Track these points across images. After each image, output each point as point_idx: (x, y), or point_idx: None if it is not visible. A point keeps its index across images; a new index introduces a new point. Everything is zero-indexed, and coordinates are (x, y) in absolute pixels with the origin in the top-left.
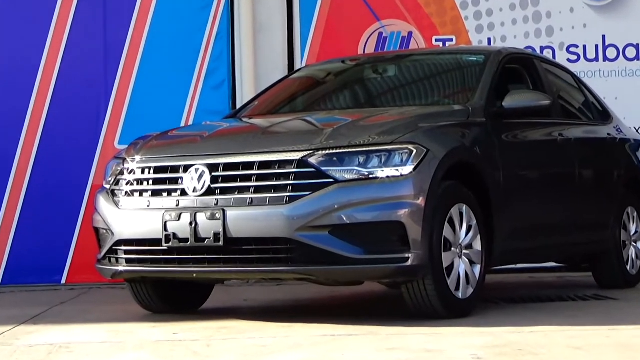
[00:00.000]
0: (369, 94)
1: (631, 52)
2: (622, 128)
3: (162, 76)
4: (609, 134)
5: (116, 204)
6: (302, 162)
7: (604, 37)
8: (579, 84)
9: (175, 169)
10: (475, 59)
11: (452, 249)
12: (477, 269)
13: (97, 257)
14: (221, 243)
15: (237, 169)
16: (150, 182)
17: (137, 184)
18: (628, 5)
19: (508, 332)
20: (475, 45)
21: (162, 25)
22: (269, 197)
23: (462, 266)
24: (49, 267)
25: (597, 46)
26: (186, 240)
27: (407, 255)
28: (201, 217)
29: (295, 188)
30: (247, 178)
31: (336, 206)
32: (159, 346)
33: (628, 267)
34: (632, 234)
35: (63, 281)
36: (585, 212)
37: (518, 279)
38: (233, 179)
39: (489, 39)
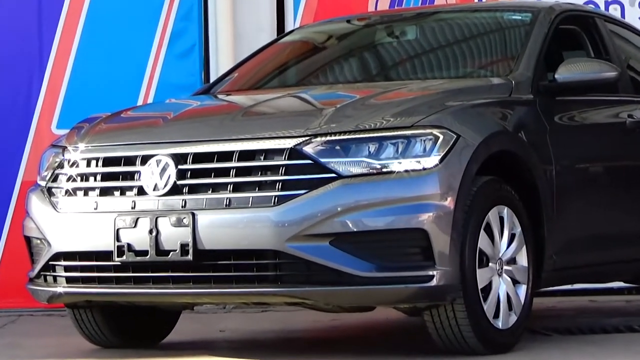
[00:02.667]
0: (382, 64)
1: None
2: None
3: (112, 40)
4: None
5: (54, 206)
6: (295, 152)
7: None
8: None
9: (130, 161)
10: (519, 17)
11: (490, 264)
12: (523, 290)
13: (29, 275)
14: (190, 257)
15: (211, 161)
16: (99, 177)
17: (82, 180)
18: None
19: None
20: (519, 0)
21: None
22: (252, 197)
23: (502, 287)
24: None
25: None
26: (145, 253)
27: (431, 273)
28: (164, 224)
29: (286, 185)
30: (224, 172)
31: (339, 209)
32: None
33: None
34: None
35: None
36: None
37: (575, 303)
38: (206, 173)
39: None
